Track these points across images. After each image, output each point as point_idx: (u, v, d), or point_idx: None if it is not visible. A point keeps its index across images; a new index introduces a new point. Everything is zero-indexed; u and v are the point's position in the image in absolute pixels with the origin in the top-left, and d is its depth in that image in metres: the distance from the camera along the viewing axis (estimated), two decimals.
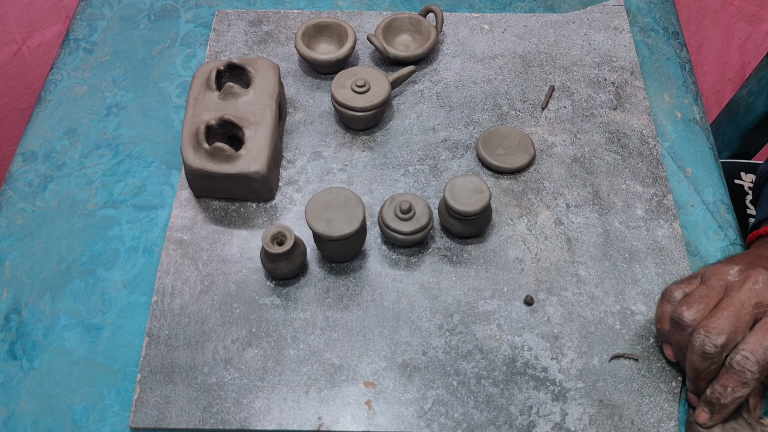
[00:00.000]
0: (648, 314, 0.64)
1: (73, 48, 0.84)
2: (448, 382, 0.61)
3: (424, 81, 0.80)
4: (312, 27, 0.79)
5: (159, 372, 0.61)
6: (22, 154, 0.75)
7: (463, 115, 0.77)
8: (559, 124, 0.76)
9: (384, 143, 0.75)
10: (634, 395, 0.60)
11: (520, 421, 0.59)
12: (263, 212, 0.70)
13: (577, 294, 0.65)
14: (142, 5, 0.88)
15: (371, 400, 0.60)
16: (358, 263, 0.67)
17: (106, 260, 0.67)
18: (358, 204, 0.62)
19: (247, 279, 0.66)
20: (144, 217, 0.70)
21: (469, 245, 0.68)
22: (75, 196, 0.72)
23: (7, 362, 0.62)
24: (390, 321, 0.64)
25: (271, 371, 0.61)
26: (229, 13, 0.86)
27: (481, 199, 0.64)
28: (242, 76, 0.72)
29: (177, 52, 0.83)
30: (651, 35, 0.86)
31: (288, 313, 0.64)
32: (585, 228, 0.69)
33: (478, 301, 0.65)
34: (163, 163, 0.74)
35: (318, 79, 0.80)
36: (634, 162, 0.74)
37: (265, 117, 0.68)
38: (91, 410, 0.60)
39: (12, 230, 0.69)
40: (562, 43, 0.83)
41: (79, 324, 0.64)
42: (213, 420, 0.59)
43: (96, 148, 0.75)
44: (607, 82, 0.80)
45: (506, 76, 0.80)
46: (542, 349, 0.62)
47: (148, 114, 0.78)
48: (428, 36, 0.80)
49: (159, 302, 0.64)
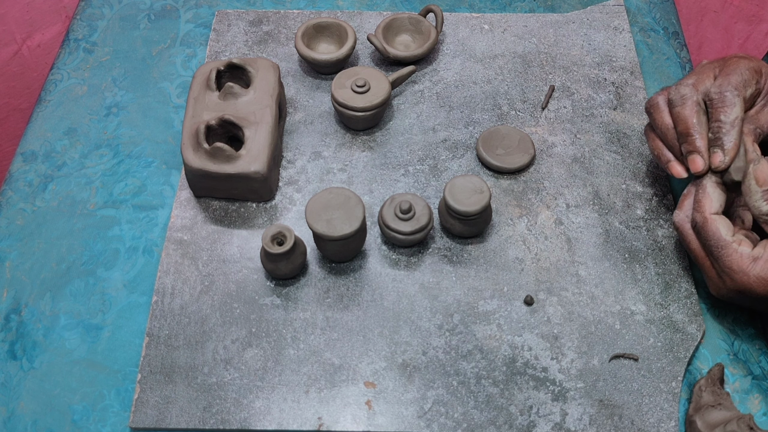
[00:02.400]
0: (648, 314, 0.64)
1: (73, 48, 0.84)
2: (448, 382, 0.61)
3: (424, 81, 0.80)
4: (312, 27, 0.79)
5: (159, 372, 0.61)
6: (22, 154, 0.75)
7: (463, 115, 0.77)
8: (559, 124, 0.76)
9: (384, 143, 0.75)
10: (634, 395, 0.60)
11: (520, 421, 0.59)
12: (263, 212, 0.70)
13: (577, 294, 0.65)
14: (142, 5, 0.88)
15: (371, 400, 0.60)
16: (358, 263, 0.67)
17: (106, 260, 0.67)
18: (358, 204, 0.62)
19: (247, 279, 0.66)
20: (144, 217, 0.70)
21: (469, 245, 0.68)
22: (75, 196, 0.72)
23: (7, 362, 0.62)
24: (390, 321, 0.64)
25: (271, 371, 0.61)
26: (229, 13, 0.86)
27: (481, 199, 0.64)
28: (242, 76, 0.72)
29: (177, 52, 0.83)
30: (651, 35, 0.86)
31: (288, 313, 0.64)
32: (585, 228, 0.69)
33: (478, 301, 0.65)
34: (163, 163, 0.74)
35: (318, 79, 0.80)
36: (634, 162, 0.74)
37: (265, 117, 0.68)
38: (91, 410, 0.60)
39: (12, 230, 0.69)
40: (562, 43, 0.84)
41: (79, 324, 0.64)
42: (213, 420, 0.59)
43: (96, 148, 0.75)
44: (607, 82, 0.80)
45: (506, 76, 0.80)
46: (542, 349, 0.62)
47: (148, 114, 0.78)
48: (428, 36, 0.80)
49: (159, 302, 0.64)
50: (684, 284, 0.66)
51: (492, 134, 0.74)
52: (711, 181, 0.60)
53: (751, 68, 0.61)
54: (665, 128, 0.63)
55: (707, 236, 0.58)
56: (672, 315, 0.64)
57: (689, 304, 0.65)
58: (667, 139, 0.64)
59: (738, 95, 0.60)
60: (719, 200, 0.59)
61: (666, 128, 0.63)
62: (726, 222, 0.59)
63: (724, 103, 0.60)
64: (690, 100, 0.61)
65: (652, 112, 0.65)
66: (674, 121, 0.62)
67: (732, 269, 0.57)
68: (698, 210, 0.59)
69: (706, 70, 0.63)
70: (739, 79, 0.60)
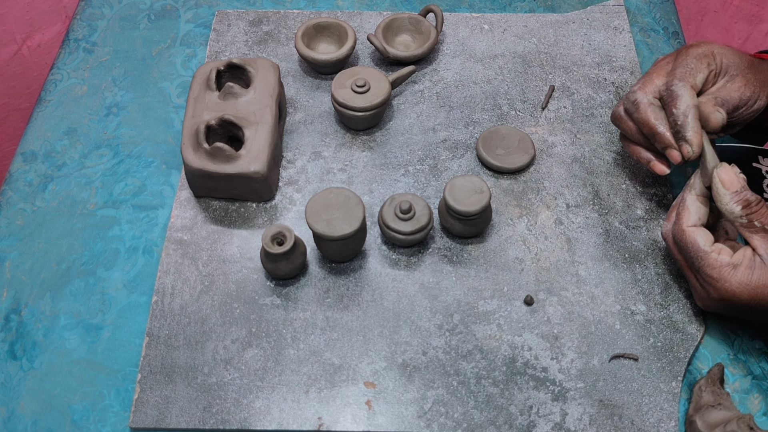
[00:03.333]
0: (648, 314, 0.64)
1: (73, 48, 0.84)
2: (448, 382, 0.61)
3: (424, 81, 0.80)
4: (312, 27, 0.79)
5: (159, 372, 0.61)
6: (22, 154, 0.75)
7: (463, 115, 0.77)
8: (559, 124, 0.76)
9: (384, 143, 0.75)
10: (634, 395, 0.60)
11: (520, 421, 0.59)
12: (263, 212, 0.70)
13: (577, 294, 0.65)
14: (142, 5, 0.88)
15: (371, 400, 0.60)
16: (358, 263, 0.67)
17: (106, 260, 0.67)
18: (358, 204, 0.62)
19: (247, 279, 0.66)
20: (144, 217, 0.70)
21: (469, 245, 0.68)
22: (75, 196, 0.72)
23: (7, 362, 0.62)
24: (390, 321, 0.64)
25: (271, 371, 0.61)
26: (229, 13, 0.86)
27: (481, 199, 0.64)
28: (242, 76, 0.72)
29: (177, 52, 0.83)
30: (651, 35, 0.86)
31: (288, 313, 0.64)
32: (585, 228, 0.69)
33: (478, 301, 0.65)
34: (163, 163, 0.74)
35: (318, 79, 0.80)
36: (634, 162, 0.74)
37: (265, 117, 0.68)
38: (91, 410, 0.60)
39: (12, 230, 0.69)
40: (562, 43, 0.84)
41: (79, 324, 0.64)
42: (213, 420, 0.59)
43: (96, 148, 0.75)
44: (607, 82, 0.80)
45: (506, 76, 0.80)
46: (542, 349, 0.62)
47: (148, 114, 0.78)
48: (428, 36, 0.80)
49: (159, 302, 0.64)
50: (684, 284, 0.66)
51: (492, 134, 0.74)
52: (691, 195, 0.61)
53: (698, 54, 0.63)
54: (634, 133, 0.66)
55: (686, 248, 0.59)
56: (672, 315, 0.64)
57: (689, 304, 0.65)
58: (641, 142, 0.66)
59: (684, 85, 0.62)
60: (698, 213, 0.60)
61: (635, 133, 0.66)
62: (704, 233, 0.59)
63: (672, 97, 0.62)
64: (641, 103, 0.63)
65: (618, 123, 0.67)
66: (638, 127, 0.65)
67: (713, 278, 0.57)
68: (677, 222, 0.60)
69: (658, 69, 0.65)
70: (684, 70, 0.62)
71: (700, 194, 0.61)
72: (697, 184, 0.61)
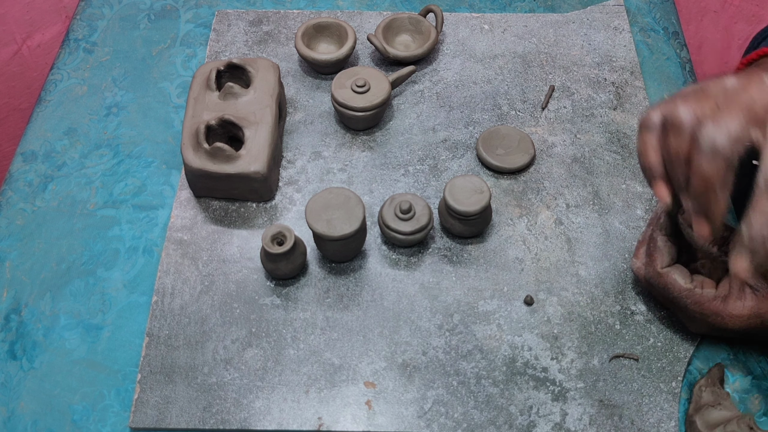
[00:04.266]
0: (648, 314, 0.64)
1: (73, 48, 0.84)
2: (448, 382, 0.61)
3: (424, 81, 0.80)
4: (312, 27, 0.79)
5: (159, 372, 0.61)
6: (22, 154, 0.75)
7: (463, 115, 0.77)
8: (559, 124, 0.76)
9: (384, 143, 0.75)
10: (634, 395, 0.60)
11: (520, 421, 0.59)
12: (263, 212, 0.70)
13: (577, 294, 0.65)
14: (142, 5, 0.88)
15: (371, 400, 0.60)
16: (358, 263, 0.67)
17: (106, 260, 0.67)
18: (358, 204, 0.62)
19: (247, 279, 0.66)
20: (144, 217, 0.70)
21: (469, 245, 0.68)
22: (75, 196, 0.72)
23: (7, 362, 0.62)
24: (390, 321, 0.64)
25: (271, 371, 0.61)
26: (229, 13, 0.86)
27: (481, 199, 0.64)
28: (242, 76, 0.72)
29: (177, 52, 0.83)
30: (651, 35, 0.86)
31: (288, 313, 0.64)
32: (585, 228, 0.69)
33: (478, 301, 0.65)
34: (163, 163, 0.74)
35: (318, 79, 0.80)
36: (634, 162, 0.74)
37: (265, 117, 0.68)
38: (91, 410, 0.60)
39: (12, 230, 0.69)
40: (562, 43, 0.84)
41: (79, 324, 0.64)
42: (213, 420, 0.59)
43: (96, 148, 0.75)
44: (607, 82, 0.80)
45: (506, 76, 0.81)
46: (542, 349, 0.62)
47: (148, 114, 0.78)
48: (428, 36, 0.80)
49: (159, 302, 0.64)
50: None
51: (492, 134, 0.74)
52: (662, 236, 0.59)
53: None
54: None
55: (666, 289, 0.58)
56: (672, 315, 0.64)
57: None
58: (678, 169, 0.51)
59: None
60: (670, 253, 0.59)
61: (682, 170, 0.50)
62: (680, 270, 0.58)
63: None
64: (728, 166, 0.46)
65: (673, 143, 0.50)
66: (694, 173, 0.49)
67: (705, 314, 0.56)
68: (650, 265, 0.59)
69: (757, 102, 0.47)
70: None
71: (671, 234, 0.59)
72: (666, 224, 0.59)
